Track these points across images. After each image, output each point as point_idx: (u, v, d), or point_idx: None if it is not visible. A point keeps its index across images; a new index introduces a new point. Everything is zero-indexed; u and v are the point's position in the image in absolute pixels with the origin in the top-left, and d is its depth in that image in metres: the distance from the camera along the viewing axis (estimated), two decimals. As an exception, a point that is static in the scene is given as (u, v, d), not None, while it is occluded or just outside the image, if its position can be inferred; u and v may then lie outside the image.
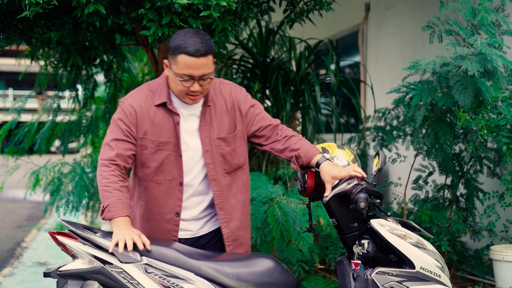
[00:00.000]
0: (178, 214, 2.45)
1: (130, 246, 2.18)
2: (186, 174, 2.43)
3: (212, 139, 2.43)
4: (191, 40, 2.24)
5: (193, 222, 2.52)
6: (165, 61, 2.35)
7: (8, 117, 5.47)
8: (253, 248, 3.61)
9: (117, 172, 2.30)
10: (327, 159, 2.40)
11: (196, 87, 2.29)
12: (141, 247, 2.20)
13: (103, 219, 2.28)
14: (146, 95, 2.39)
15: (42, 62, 5.39)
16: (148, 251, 2.24)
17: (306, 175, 2.52)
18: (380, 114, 4.29)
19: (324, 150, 2.53)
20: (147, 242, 2.23)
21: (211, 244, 2.57)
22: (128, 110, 2.36)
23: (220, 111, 2.45)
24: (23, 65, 5.78)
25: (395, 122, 4.17)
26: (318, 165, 2.38)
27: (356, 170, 2.35)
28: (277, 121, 2.53)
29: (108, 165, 2.30)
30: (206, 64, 2.27)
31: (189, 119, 2.43)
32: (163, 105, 2.38)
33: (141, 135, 2.37)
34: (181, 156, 2.41)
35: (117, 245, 2.19)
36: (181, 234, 2.52)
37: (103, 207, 2.26)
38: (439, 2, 3.37)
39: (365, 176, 2.37)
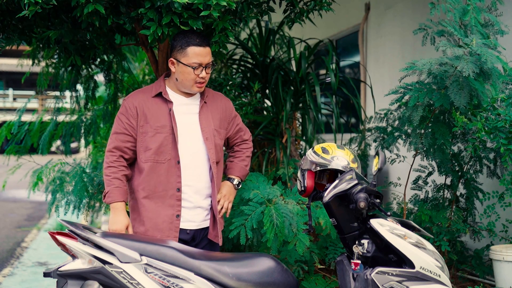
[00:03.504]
0: (179, 190, 2.69)
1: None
2: (184, 155, 2.71)
3: (211, 129, 2.77)
4: (193, 35, 2.67)
5: (198, 213, 2.74)
6: (171, 59, 2.70)
7: (8, 117, 5.46)
8: (250, 249, 3.61)
9: (118, 162, 2.69)
10: (232, 183, 2.93)
11: (204, 74, 2.68)
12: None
13: (104, 202, 2.68)
14: (144, 92, 2.78)
15: (43, 63, 5.38)
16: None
17: (306, 175, 2.52)
18: (382, 115, 4.29)
19: (324, 150, 2.54)
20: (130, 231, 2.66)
21: (204, 238, 2.79)
22: (129, 105, 2.73)
23: (214, 108, 2.84)
24: (24, 65, 5.77)
25: (396, 123, 4.18)
26: (228, 178, 2.95)
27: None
28: (247, 135, 3.03)
29: (109, 156, 2.70)
30: (209, 53, 2.69)
31: (187, 109, 2.76)
32: (159, 95, 2.75)
33: (142, 123, 2.70)
34: (177, 137, 2.70)
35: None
36: (187, 225, 2.73)
37: (105, 192, 2.65)
38: (429, 4, 3.37)
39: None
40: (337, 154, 2.55)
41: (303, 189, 2.53)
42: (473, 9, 3.24)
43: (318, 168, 2.52)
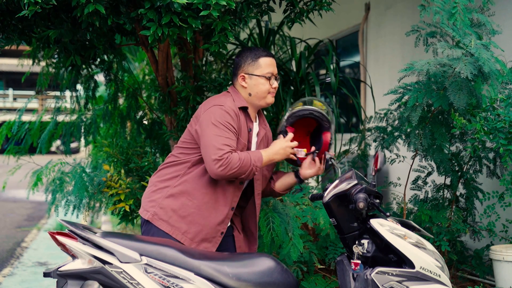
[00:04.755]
0: (233, 209, 2.68)
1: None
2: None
3: None
4: (259, 49, 2.74)
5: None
6: (242, 75, 2.70)
7: (8, 117, 5.47)
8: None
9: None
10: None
11: (276, 83, 2.72)
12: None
13: (256, 169, 2.55)
14: (231, 100, 2.68)
15: (43, 63, 5.38)
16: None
17: (285, 127, 2.71)
18: (382, 115, 4.29)
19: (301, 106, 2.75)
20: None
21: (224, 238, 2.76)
22: (233, 113, 2.60)
23: (266, 139, 2.82)
24: (24, 65, 5.78)
25: (396, 123, 4.18)
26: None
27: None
28: None
29: (231, 152, 2.51)
30: (275, 64, 2.75)
31: (253, 134, 2.74)
32: (243, 109, 2.69)
33: (237, 135, 2.63)
34: None
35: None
36: None
37: (252, 166, 2.52)
38: (418, 6, 3.37)
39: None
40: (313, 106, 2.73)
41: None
42: (461, 10, 3.22)
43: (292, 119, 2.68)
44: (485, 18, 3.38)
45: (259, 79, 2.68)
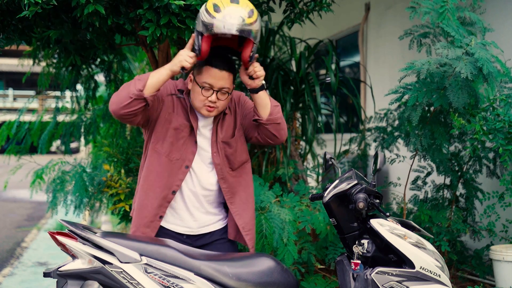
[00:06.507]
0: (174, 193, 2.58)
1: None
2: (196, 162, 2.59)
3: (219, 142, 2.61)
4: (216, 57, 2.45)
5: (193, 221, 2.64)
6: (190, 75, 2.54)
7: (8, 117, 5.48)
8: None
9: None
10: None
11: (213, 97, 2.47)
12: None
13: (135, 86, 2.39)
14: (171, 83, 2.61)
15: (43, 63, 5.39)
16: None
17: (201, 38, 2.28)
18: (382, 115, 4.30)
19: (216, 8, 2.19)
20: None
21: (216, 242, 2.68)
22: (170, 84, 2.57)
23: (227, 116, 2.64)
24: (25, 65, 5.79)
25: (396, 123, 4.18)
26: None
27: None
28: None
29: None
30: (227, 78, 2.46)
31: (205, 122, 2.61)
32: (181, 91, 2.57)
33: (170, 110, 2.55)
34: (196, 142, 2.57)
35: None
36: (182, 230, 2.64)
37: (131, 86, 2.42)
38: (406, 8, 3.37)
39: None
40: (228, 11, 2.15)
41: (197, 52, 2.32)
42: (449, 9, 3.22)
43: (209, 32, 2.20)
44: (476, 16, 3.38)
45: (196, 86, 2.49)
